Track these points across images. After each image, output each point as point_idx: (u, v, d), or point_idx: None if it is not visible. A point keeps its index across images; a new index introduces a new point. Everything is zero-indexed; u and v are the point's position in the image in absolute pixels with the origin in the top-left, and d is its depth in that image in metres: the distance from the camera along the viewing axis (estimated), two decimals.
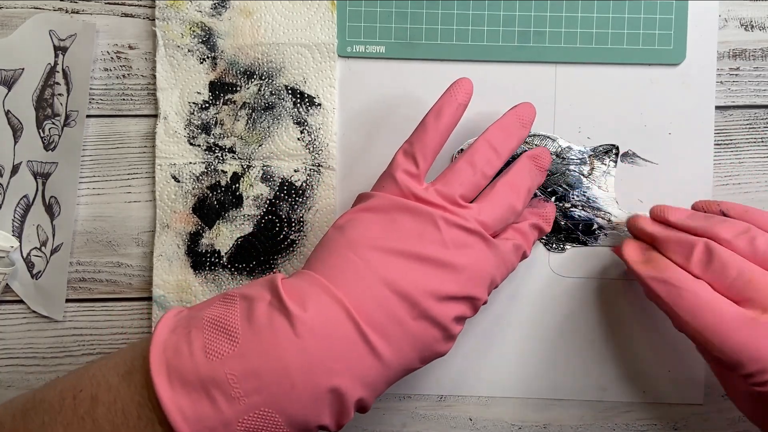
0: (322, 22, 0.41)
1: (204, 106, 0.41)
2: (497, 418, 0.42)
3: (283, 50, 0.41)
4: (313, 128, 0.41)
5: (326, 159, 0.41)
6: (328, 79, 0.41)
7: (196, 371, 0.27)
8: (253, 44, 0.41)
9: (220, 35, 0.41)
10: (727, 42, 0.41)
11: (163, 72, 0.41)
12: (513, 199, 0.34)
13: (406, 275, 0.30)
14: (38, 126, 0.41)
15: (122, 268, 0.42)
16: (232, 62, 0.41)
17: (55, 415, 0.28)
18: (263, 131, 0.41)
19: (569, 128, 0.41)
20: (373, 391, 0.30)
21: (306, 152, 0.41)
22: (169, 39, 0.41)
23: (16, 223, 0.42)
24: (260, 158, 0.41)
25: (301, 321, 0.28)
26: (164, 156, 0.41)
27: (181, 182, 0.41)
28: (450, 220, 0.32)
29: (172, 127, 0.41)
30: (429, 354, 0.31)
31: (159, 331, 0.29)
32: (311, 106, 0.41)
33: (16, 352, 0.42)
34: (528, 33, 0.41)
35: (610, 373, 0.41)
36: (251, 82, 0.41)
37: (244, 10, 0.41)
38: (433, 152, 0.34)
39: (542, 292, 0.41)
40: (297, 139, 0.41)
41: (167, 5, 0.41)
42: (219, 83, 0.41)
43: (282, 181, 0.41)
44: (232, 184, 0.41)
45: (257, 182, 0.41)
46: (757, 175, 0.41)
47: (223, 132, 0.41)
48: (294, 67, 0.41)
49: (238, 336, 0.28)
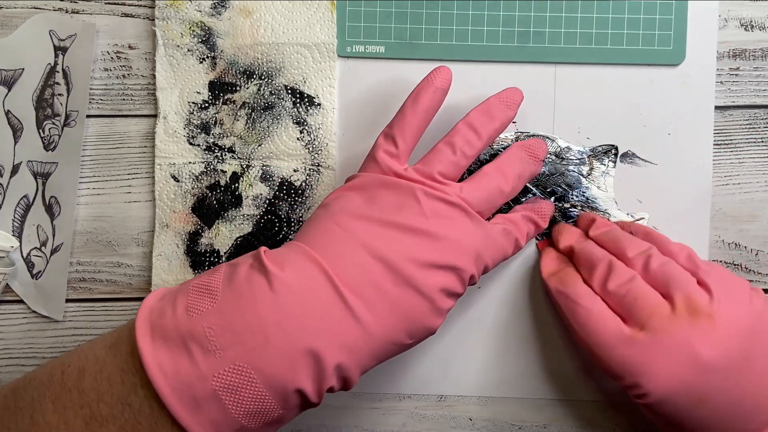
0: (321, 22, 0.41)
1: (203, 106, 0.41)
2: (497, 418, 0.42)
3: (283, 50, 0.41)
4: (312, 128, 0.41)
5: (326, 159, 0.41)
6: (327, 79, 0.41)
7: (177, 327, 0.28)
8: (253, 44, 0.41)
9: (220, 35, 0.41)
10: (727, 42, 0.41)
11: (163, 71, 0.41)
12: (500, 182, 0.35)
13: (387, 243, 0.31)
14: (38, 126, 0.41)
15: (122, 268, 0.42)
16: (232, 62, 0.41)
17: (44, 390, 0.29)
18: (263, 131, 0.41)
19: (568, 128, 0.41)
20: (354, 358, 0.30)
21: (305, 152, 0.41)
22: (168, 39, 0.41)
23: (16, 223, 0.42)
24: (260, 158, 0.41)
25: (278, 279, 0.29)
26: (164, 155, 0.41)
27: (180, 182, 0.41)
28: (429, 192, 0.32)
29: (172, 126, 0.41)
30: (416, 328, 0.31)
31: (147, 300, 0.30)
32: (311, 106, 0.41)
33: (16, 352, 0.42)
34: (528, 33, 0.41)
35: None
36: (251, 82, 0.41)
37: (243, 9, 0.41)
38: (411, 134, 0.35)
39: (542, 292, 0.41)
40: (296, 139, 0.41)
41: (167, 5, 0.41)
42: (218, 83, 0.41)
43: (281, 180, 0.41)
44: (232, 183, 0.41)
45: (256, 182, 0.41)
46: (757, 175, 0.41)
47: (222, 132, 0.41)
48: (294, 66, 0.41)
49: (218, 294, 0.29)
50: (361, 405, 0.42)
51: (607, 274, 0.35)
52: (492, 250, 0.34)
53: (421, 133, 0.35)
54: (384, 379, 0.41)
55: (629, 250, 0.35)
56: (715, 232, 0.41)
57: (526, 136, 0.41)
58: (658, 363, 0.32)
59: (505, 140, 0.41)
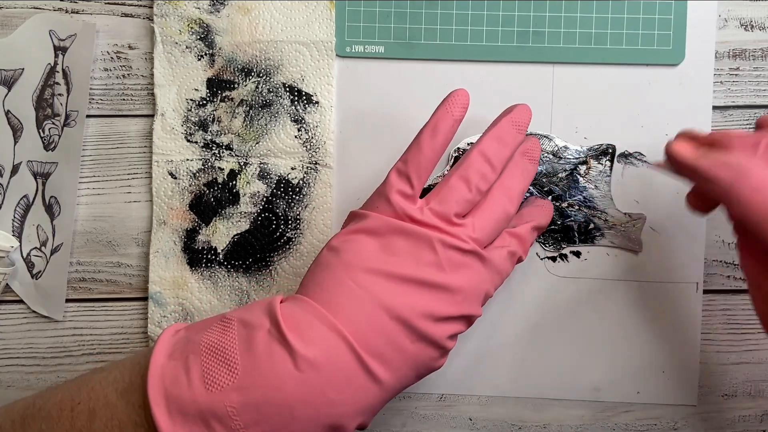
0: (320, 20, 0.41)
1: (201, 103, 0.41)
2: (497, 418, 0.42)
3: (281, 48, 0.41)
4: (310, 126, 0.41)
5: (323, 157, 0.41)
6: (326, 77, 0.41)
7: (195, 402, 0.27)
8: (251, 41, 0.41)
9: (218, 32, 0.41)
10: (726, 42, 0.41)
11: (161, 69, 0.41)
12: (507, 205, 0.34)
13: (404, 300, 0.30)
14: (38, 126, 0.41)
15: (122, 268, 0.42)
16: (230, 59, 0.41)
17: (53, 424, 0.28)
18: (260, 128, 0.41)
19: (566, 128, 0.41)
20: (371, 415, 0.30)
21: (303, 150, 0.41)
22: (167, 36, 0.41)
23: (16, 223, 0.42)
24: (257, 156, 0.41)
25: (303, 357, 0.28)
26: (161, 152, 0.41)
27: (178, 179, 0.41)
28: (446, 242, 0.31)
29: (170, 123, 0.41)
30: (425, 371, 0.32)
31: (156, 355, 0.29)
32: (309, 104, 0.41)
33: (16, 352, 0.42)
34: (527, 33, 0.41)
35: (604, 373, 0.41)
36: (249, 80, 0.41)
37: (242, 7, 0.41)
38: (427, 171, 0.33)
39: (540, 292, 0.41)
40: (294, 137, 0.41)
41: (165, 2, 0.41)
42: (216, 80, 0.41)
43: (279, 178, 0.41)
44: (229, 181, 0.41)
45: (254, 179, 0.41)
46: None
47: (220, 129, 0.41)
48: (292, 64, 0.41)
49: (238, 366, 0.28)
50: None
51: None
52: (497, 280, 0.34)
53: (434, 168, 0.34)
54: None
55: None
56: (714, 232, 0.41)
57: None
58: None
59: None
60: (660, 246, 0.41)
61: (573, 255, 0.41)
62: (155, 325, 0.41)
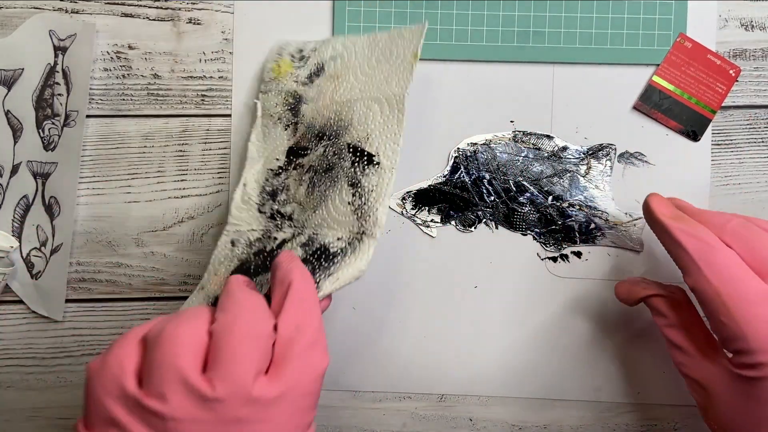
0: (399, 76, 0.37)
1: (278, 172, 0.39)
2: (497, 418, 0.42)
3: (353, 106, 0.37)
4: (365, 190, 0.36)
5: (371, 227, 0.35)
6: (392, 135, 0.36)
7: None
8: (330, 103, 0.38)
9: (306, 101, 0.40)
10: (727, 42, 0.41)
11: (257, 142, 0.40)
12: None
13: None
14: (38, 126, 0.41)
15: (122, 269, 0.42)
16: (309, 125, 0.39)
17: None
18: (320, 195, 0.37)
19: (566, 128, 0.41)
20: None
21: (353, 219, 0.36)
22: (266, 109, 0.40)
23: (16, 223, 0.42)
24: (311, 226, 0.37)
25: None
26: (234, 222, 0.39)
27: (235, 246, 0.39)
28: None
29: (249, 194, 0.39)
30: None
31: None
32: (369, 165, 0.36)
33: (16, 352, 0.42)
34: (527, 33, 0.41)
35: (604, 373, 0.41)
36: (320, 144, 0.38)
37: (332, 75, 0.39)
38: None
39: (540, 292, 0.41)
40: (348, 203, 0.36)
41: (272, 78, 0.40)
42: (295, 148, 0.39)
43: (319, 246, 0.36)
44: (276, 249, 0.37)
45: (296, 248, 0.36)
46: (757, 175, 0.41)
47: (287, 198, 0.39)
48: (360, 123, 0.37)
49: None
50: (362, 405, 0.42)
51: (743, 230, 0.32)
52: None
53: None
54: (384, 379, 0.41)
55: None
56: None
57: (524, 135, 0.41)
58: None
59: (503, 138, 0.41)
60: (660, 246, 0.41)
61: (574, 255, 0.41)
62: None
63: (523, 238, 0.41)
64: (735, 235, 0.32)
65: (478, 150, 0.41)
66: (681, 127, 0.41)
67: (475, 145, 0.41)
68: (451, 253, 0.41)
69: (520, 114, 0.41)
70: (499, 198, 0.41)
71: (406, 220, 0.41)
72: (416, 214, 0.41)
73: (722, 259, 0.31)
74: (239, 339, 0.26)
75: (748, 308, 0.30)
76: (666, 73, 0.40)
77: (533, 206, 0.41)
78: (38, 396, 0.42)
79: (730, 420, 0.32)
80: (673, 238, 0.32)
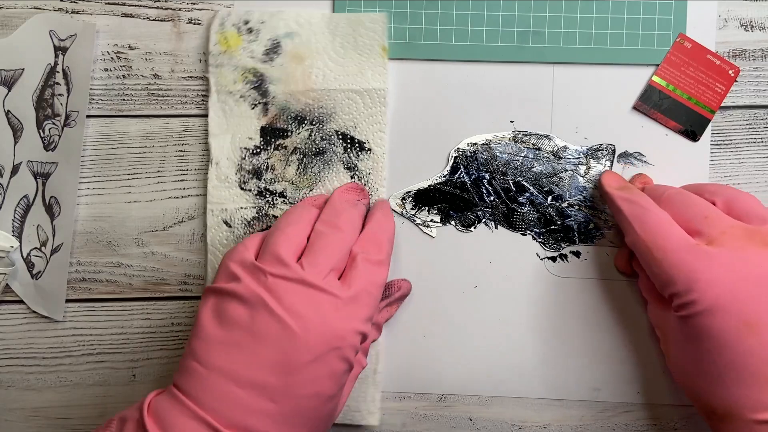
0: (373, 68, 0.40)
1: (255, 152, 0.41)
2: (497, 418, 0.42)
3: (334, 96, 0.41)
4: (363, 173, 0.41)
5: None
6: (378, 125, 0.41)
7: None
8: (305, 90, 0.41)
9: (272, 81, 0.41)
10: (726, 42, 0.41)
11: (216, 118, 0.41)
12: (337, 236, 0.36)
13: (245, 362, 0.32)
14: (38, 126, 0.41)
15: (122, 269, 0.42)
16: (284, 108, 0.41)
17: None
18: (314, 176, 0.41)
19: (566, 128, 0.41)
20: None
21: None
22: (221, 85, 0.41)
23: (16, 223, 0.42)
24: None
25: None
26: (216, 201, 0.41)
27: (232, 227, 0.41)
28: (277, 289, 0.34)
29: (224, 172, 0.41)
30: (320, 404, 0.33)
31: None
32: (362, 151, 0.41)
33: (16, 352, 0.42)
34: (527, 33, 0.41)
35: (605, 373, 0.41)
36: (302, 128, 0.41)
37: (296, 56, 0.41)
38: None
39: (540, 292, 0.41)
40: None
41: (221, 51, 0.41)
42: (270, 128, 0.41)
43: None
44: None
45: None
46: (757, 175, 0.41)
47: (274, 177, 0.41)
48: (344, 112, 0.41)
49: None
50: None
51: (677, 197, 0.36)
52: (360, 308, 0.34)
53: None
54: (384, 379, 0.41)
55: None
56: None
57: (523, 135, 0.41)
58: (714, 271, 0.32)
59: (503, 138, 0.41)
60: None
61: (573, 255, 0.41)
62: None
63: (522, 237, 0.41)
64: (669, 199, 0.36)
65: (478, 150, 0.41)
66: (680, 127, 0.41)
67: (475, 145, 0.41)
68: (450, 253, 0.41)
69: (520, 114, 0.41)
70: (499, 198, 0.41)
71: (406, 220, 0.41)
72: (416, 214, 0.41)
73: (653, 217, 0.35)
74: (326, 243, 0.35)
75: (673, 255, 0.33)
76: (666, 73, 0.40)
77: (533, 206, 0.41)
78: (38, 396, 0.42)
79: (681, 360, 0.35)
80: (615, 204, 0.37)
